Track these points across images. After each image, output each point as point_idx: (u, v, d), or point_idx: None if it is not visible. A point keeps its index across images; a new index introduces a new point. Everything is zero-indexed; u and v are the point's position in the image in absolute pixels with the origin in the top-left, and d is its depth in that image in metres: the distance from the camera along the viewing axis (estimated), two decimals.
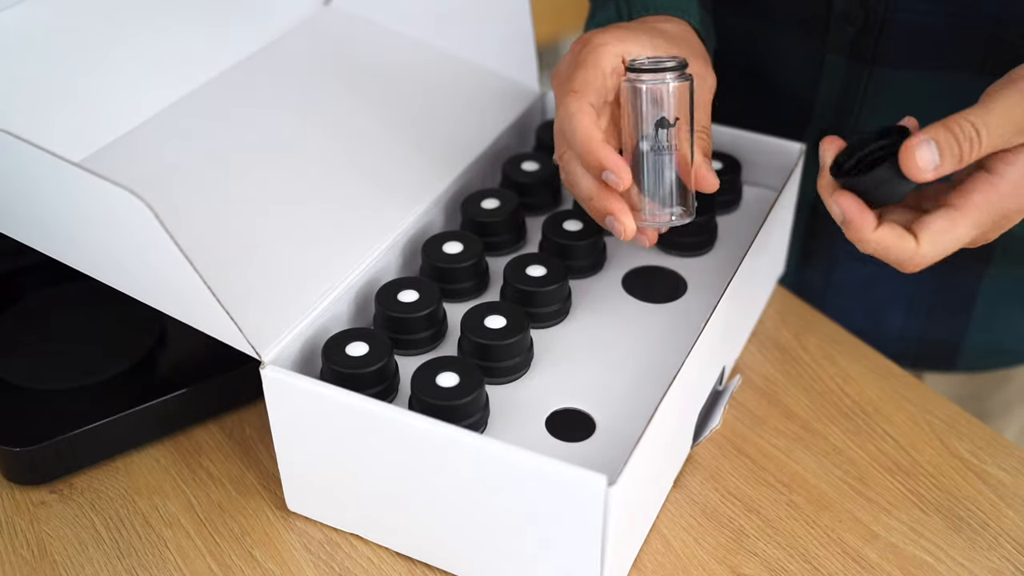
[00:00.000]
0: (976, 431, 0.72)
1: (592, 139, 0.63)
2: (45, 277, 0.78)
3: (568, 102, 0.64)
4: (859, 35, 0.77)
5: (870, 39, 0.77)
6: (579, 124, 0.63)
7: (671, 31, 0.68)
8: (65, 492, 0.69)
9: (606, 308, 0.73)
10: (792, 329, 0.80)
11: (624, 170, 0.62)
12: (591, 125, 0.63)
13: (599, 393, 0.66)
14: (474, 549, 0.61)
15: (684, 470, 0.69)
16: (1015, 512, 0.67)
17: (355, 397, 0.59)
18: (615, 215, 0.64)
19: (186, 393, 0.71)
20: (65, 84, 0.74)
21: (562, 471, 0.55)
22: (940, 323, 0.86)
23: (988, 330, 0.87)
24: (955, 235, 0.58)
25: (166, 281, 0.59)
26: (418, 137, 0.80)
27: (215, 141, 0.77)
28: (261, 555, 0.65)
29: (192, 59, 0.82)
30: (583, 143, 0.63)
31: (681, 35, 0.69)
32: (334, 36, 0.90)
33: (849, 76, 0.80)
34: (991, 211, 0.58)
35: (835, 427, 0.72)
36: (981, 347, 0.88)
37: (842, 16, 0.78)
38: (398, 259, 0.73)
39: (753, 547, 0.65)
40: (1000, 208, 0.58)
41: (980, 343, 0.87)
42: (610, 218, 0.64)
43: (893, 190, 0.58)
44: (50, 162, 0.55)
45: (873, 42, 0.77)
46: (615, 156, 0.62)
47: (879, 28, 0.76)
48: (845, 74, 0.80)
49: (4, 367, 0.72)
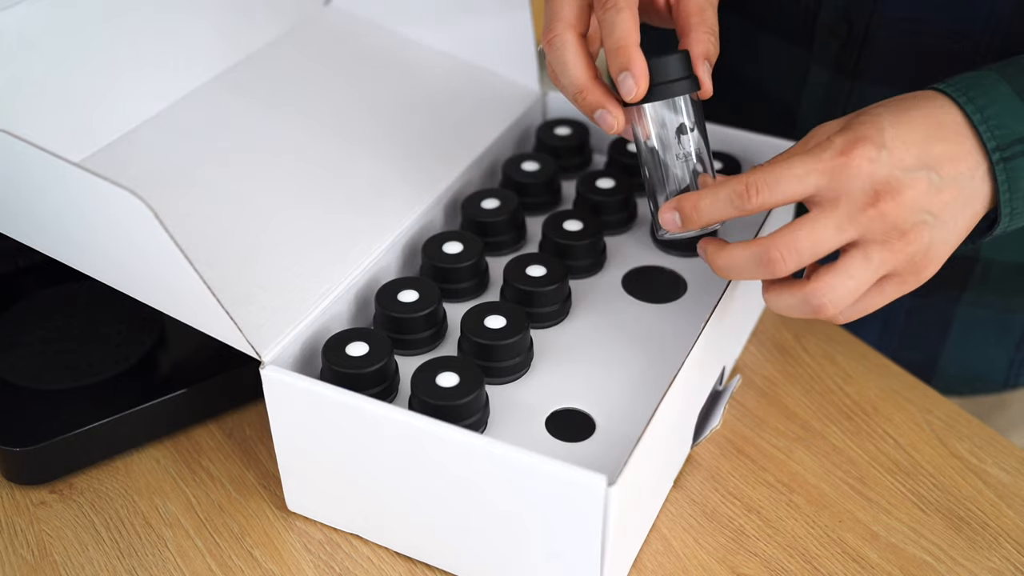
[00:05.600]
0: (976, 431, 0.72)
1: (585, 79, 0.62)
2: (45, 277, 0.78)
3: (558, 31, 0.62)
4: (842, 49, 0.77)
5: (853, 53, 0.77)
6: (571, 60, 0.62)
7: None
8: (65, 492, 0.69)
9: (606, 308, 0.73)
10: (792, 329, 0.80)
11: (619, 111, 0.62)
12: (582, 61, 0.62)
13: (599, 393, 0.66)
14: (474, 549, 0.61)
15: (684, 470, 0.69)
16: (1015, 512, 0.67)
17: (355, 397, 0.59)
18: (607, 107, 0.62)
19: (186, 393, 0.71)
20: (65, 84, 0.74)
21: (562, 471, 0.55)
22: (914, 345, 0.86)
23: (962, 360, 0.86)
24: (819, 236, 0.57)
25: (166, 281, 0.59)
26: (418, 137, 0.80)
27: (215, 141, 0.77)
28: (261, 555, 0.65)
29: (192, 59, 0.82)
30: (576, 82, 0.62)
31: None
32: (334, 36, 0.90)
33: (831, 88, 0.79)
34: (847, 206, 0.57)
35: (835, 427, 0.72)
36: (956, 373, 0.87)
37: (826, 29, 0.78)
38: (398, 259, 0.73)
39: (753, 547, 0.65)
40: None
41: (955, 369, 0.86)
42: (602, 111, 0.62)
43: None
44: (50, 162, 0.55)
45: (855, 56, 0.77)
46: (611, 97, 0.62)
47: (861, 43, 0.76)
48: (828, 86, 0.80)
49: (4, 367, 0.72)
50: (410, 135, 0.80)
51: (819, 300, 0.58)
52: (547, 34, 0.63)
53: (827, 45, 0.78)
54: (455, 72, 0.88)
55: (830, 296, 0.58)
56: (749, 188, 0.57)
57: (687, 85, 0.62)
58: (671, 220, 0.61)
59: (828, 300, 0.58)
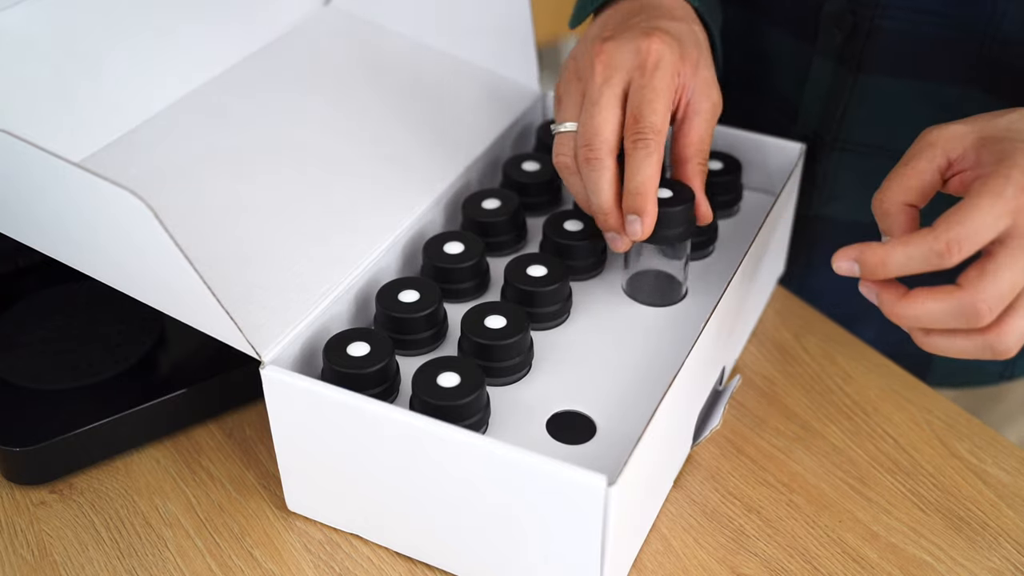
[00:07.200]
0: (976, 431, 0.72)
1: (613, 204, 0.66)
2: (45, 277, 0.78)
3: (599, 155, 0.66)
4: (847, 40, 0.77)
5: (857, 45, 0.77)
6: (606, 187, 0.66)
7: (672, 31, 0.68)
8: (65, 492, 0.69)
9: (606, 309, 0.73)
10: (792, 329, 0.80)
11: (628, 240, 0.67)
12: (615, 188, 0.66)
13: (600, 395, 0.66)
14: (474, 549, 0.61)
15: (684, 470, 0.69)
16: (1015, 512, 0.67)
17: (355, 397, 0.59)
18: (621, 234, 0.68)
19: (186, 393, 0.71)
20: (65, 84, 0.74)
21: (562, 471, 0.55)
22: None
23: None
24: (981, 223, 0.54)
25: (166, 281, 0.59)
26: (418, 137, 0.80)
27: (215, 141, 0.77)
28: (261, 555, 0.65)
29: (192, 59, 0.82)
30: (604, 207, 0.67)
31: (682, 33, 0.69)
32: (334, 36, 0.90)
33: (835, 81, 0.79)
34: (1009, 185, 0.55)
35: (835, 427, 0.72)
36: (953, 365, 0.86)
37: (831, 20, 0.78)
38: (399, 259, 0.73)
39: (753, 547, 0.65)
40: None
41: (952, 362, 0.86)
42: (614, 234, 0.68)
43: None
44: (50, 162, 0.55)
45: (860, 48, 0.77)
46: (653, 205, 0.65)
47: (866, 34, 0.76)
48: (831, 79, 0.80)
49: (4, 367, 0.72)
50: (410, 135, 0.80)
51: (1006, 345, 0.55)
52: (588, 151, 0.66)
53: (831, 37, 0.78)
54: (455, 72, 0.87)
55: (1014, 338, 0.56)
56: (951, 247, 0.54)
57: (685, 233, 0.69)
58: (847, 268, 0.58)
59: (1012, 342, 0.56)
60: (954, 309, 0.55)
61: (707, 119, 0.69)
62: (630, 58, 0.66)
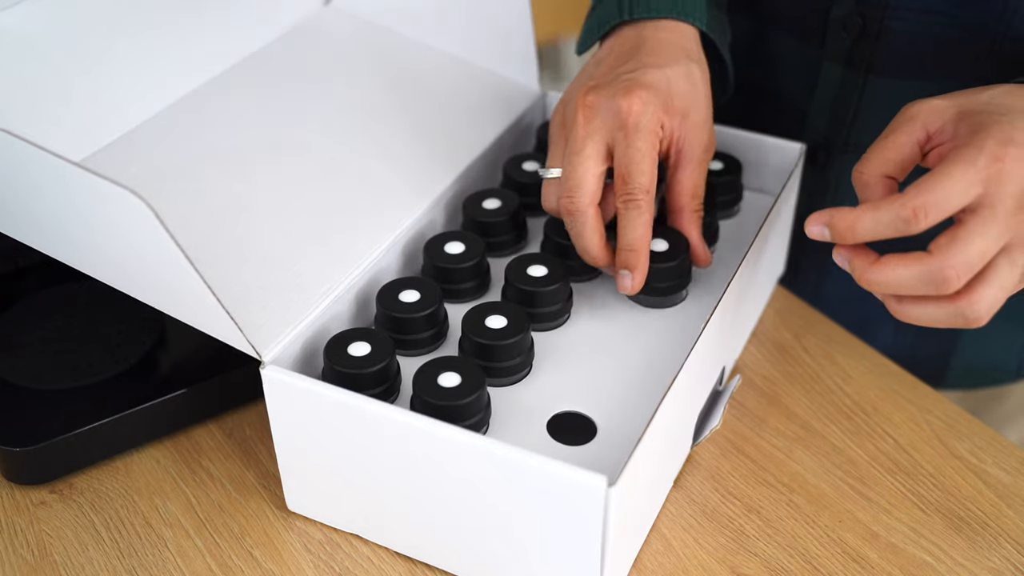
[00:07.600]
0: (976, 431, 0.72)
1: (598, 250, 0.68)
2: (45, 277, 0.78)
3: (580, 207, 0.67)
4: (855, 43, 0.77)
5: (866, 48, 0.77)
6: (588, 235, 0.67)
7: (666, 54, 0.69)
8: (65, 492, 0.69)
9: (607, 310, 0.73)
10: (792, 329, 0.80)
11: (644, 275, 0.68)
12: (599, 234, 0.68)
13: (600, 395, 0.66)
14: (474, 549, 0.61)
15: (684, 470, 0.69)
16: (1015, 512, 0.67)
17: (355, 397, 0.59)
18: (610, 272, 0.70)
19: (186, 393, 0.71)
20: (65, 84, 0.74)
21: (562, 472, 0.55)
22: (929, 340, 0.85)
23: (978, 348, 0.86)
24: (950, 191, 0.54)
25: (166, 281, 0.59)
26: (419, 137, 0.80)
27: (215, 141, 0.77)
28: (261, 555, 0.65)
29: (192, 59, 0.82)
30: (591, 253, 0.68)
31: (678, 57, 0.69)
32: (334, 36, 0.90)
33: (844, 84, 0.79)
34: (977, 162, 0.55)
35: (835, 427, 0.72)
36: (971, 365, 0.86)
37: (840, 23, 0.78)
38: (399, 259, 0.73)
39: (753, 547, 0.65)
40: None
41: (970, 361, 0.86)
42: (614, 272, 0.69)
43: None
44: (50, 162, 0.55)
45: (869, 51, 0.77)
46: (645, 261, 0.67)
47: (875, 36, 0.76)
48: (840, 82, 0.79)
49: (4, 367, 0.72)
50: (410, 135, 0.80)
51: (976, 313, 0.56)
52: (569, 203, 0.68)
53: (839, 40, 0.78)
54: (455, 72, 0.87)
55: (984, 306, 0.56)
56: (917, 213, 0.54)
57: (676, 286, 0.70)
58: (818, 232, 0.59)
59: (983, 311, 0.56)
60: (923, 275, 0.55)
61: (700, 165, 0.70)
62: (610, 118, 0.67)
